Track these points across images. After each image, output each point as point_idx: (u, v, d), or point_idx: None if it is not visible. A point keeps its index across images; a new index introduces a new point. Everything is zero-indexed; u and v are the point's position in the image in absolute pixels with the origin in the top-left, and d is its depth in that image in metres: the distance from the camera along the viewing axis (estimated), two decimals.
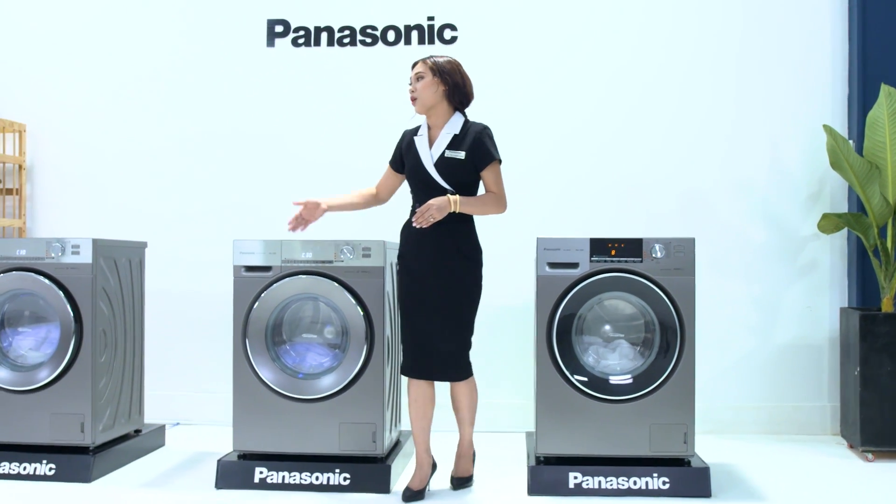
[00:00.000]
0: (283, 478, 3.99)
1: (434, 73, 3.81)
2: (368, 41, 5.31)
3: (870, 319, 4.54)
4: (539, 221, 4.97)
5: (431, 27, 5.28)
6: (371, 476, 3.97)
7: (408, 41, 5.29)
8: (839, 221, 4.90)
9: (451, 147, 3.82)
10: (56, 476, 4.10)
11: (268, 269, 4.08)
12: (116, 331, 4.42)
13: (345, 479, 3.97)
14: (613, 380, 3.97)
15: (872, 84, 4.96)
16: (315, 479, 3.98)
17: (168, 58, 5.43)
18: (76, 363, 4.17)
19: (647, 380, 3.95)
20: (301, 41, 5.35)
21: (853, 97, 5.06)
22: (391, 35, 5.30)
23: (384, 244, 4.05)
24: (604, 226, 4.95)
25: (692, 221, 5.10)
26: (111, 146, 5.45)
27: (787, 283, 5.15)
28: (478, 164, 3.83)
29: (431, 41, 5.27)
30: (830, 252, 5.14)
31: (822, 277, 5.14)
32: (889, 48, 5.01)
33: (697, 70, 5.20)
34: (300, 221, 3.96)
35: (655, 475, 3.90)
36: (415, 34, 5.28)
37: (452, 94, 3.83)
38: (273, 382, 4.05)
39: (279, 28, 5.36)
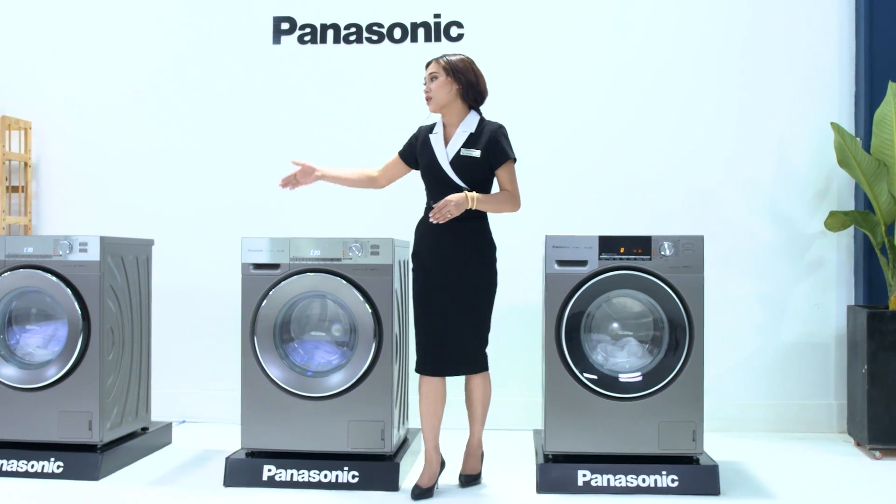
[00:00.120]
0: (292, 475, 3.99)
1: (447, 73, 3.81)
2: (375, 38, 5.31)
3: (877, 317, 4.54)
4: (545, 219, 4.96)
5: (438, 24, 5.27)
6: (380, 474, 3.96)
7: (414, 39, 5.28)
8: (846, 219, 4.89)
9: (467, 145, 3.83)
10: (64, 474, 4.10)
11: (276, 267, 4.07)
12: (124, 328, 4.41)
13: (353, 477, 3.97)
14: (623, 377, 3.96)
15: (880, 81, 4.95)
16: (324, 477, 3.98)
17: (174, 55, 5.42)
18: (84, 361, 4.17)
19: (657, 377, 3.95)
20: (307, 38, 5.34)
21: (860, 94, 5.05)
22: (397, 32, 5.29)
23: (392, 242, 4.04)
24: (610, 223, 4.96)
25: (699, 219, 5.09)
26: (117, 143, 5.45)
27: (794, 281, 5.14)
28: (493, 163, 3.84)
29: (438, 38, 5.26)
30: (837, 250, 5.14)
31: (829, 275, 5.14)
32: None
33: (704, 67, 5.19)
34: (291, 181, 4.04)
35: (664, 473, 3.90)
36: (421, 31, 5.27)
37: (466, 93, 3.84)
38: (281, 380, 4.04)
39: (285, 25, 5.36)
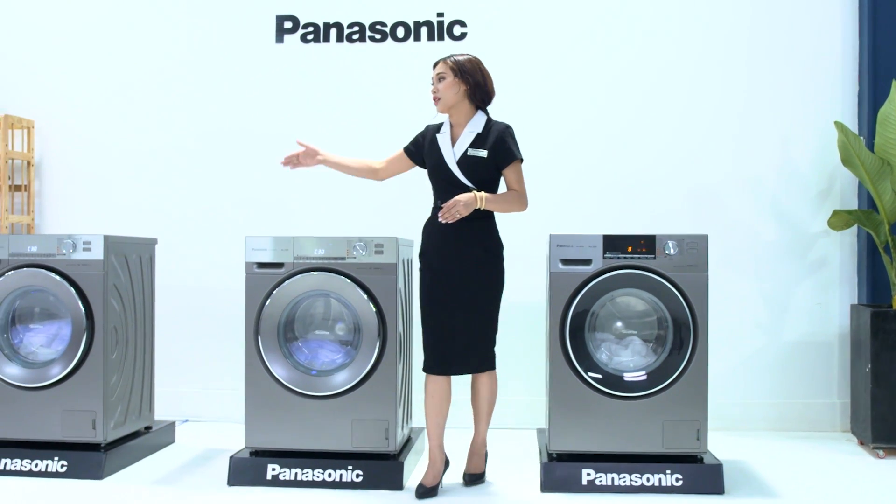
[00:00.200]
0: (296, 475, 3.98)
1: (455, 74, 3.81)
2: (378, 37, 5.30)
3: (881, 316, 4.54)
4: (547, 217, 4.94)
5: (441, 23, 5.26)
6: (384, 473, 3.96)
7: (417, 37, 5.27)
8: (850, 218, 4.89)
9: (474, 145, 3.84)
10: (68, 473, 4.09)
11: (280, 266, 4.07)
12: (127, 327, 4.41)
13: (357, 476, 3.96)
14: (628, 377, 3.96)
15: (883, 80, 4.95)
16: (328, 476, 3.97)
17: (176, 54, 5.42)
18: (87, 360, 4.17)
19: (661, 376, 3.95)
20: (310, 37, 5.34)
21: (864, 94, 5.05)
22: (400, 31, 5.29)
23: (397, 241, 4.04)
24: (612, 222, 4.96)
25: (702, 218, 5.08)
26: (119, 142, 5.44)
27: (797, 280, 5.14)
28: (500, 163, 3.84)
29: (441, 37, 5.26)
30: (840, 249, 5.13)
31: (832, 274, 5.13)
32: None
33: (707, 65, 5.19)
34: (293, 161, 4.05)
35: (668, 472, 3.90)
36: (424, 30, 5.27)
37: (474, 93, 3.84)
38: (285, 379, 4.04)
39: (288, 24, 5.35)
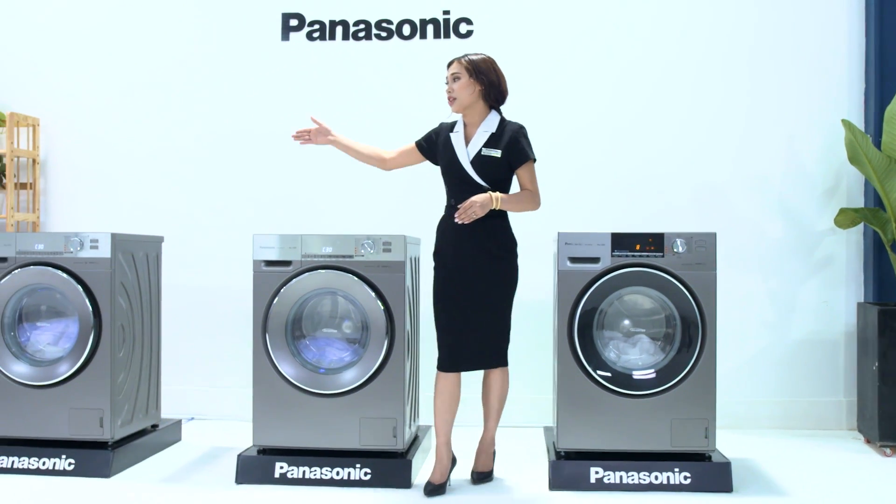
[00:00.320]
0: (304, 473, 3.98)
1: (470, 74, 3.81)
2: (384, 35, 5.29)
3: (889, 314, 4.53)
4: (552, 215, 4.88)
5: (447, 21, 5.25)
6: (392, 471, 3.96)
7: (423, 35, 5.27)
8: (856, 216, 4.89)
9: (488, 145, 3.84)
10: (75, 471, 4.09)
11: (287, 264, 4.06)
12: (134, 326, 4.41)
13: (365, 475, 3.96)
14: (637, 375, 3.96)
15: (890, 78, 4.95)
16: (336, 475, 3.97)
17: (181, 52, 5.41)
18: (95, 358, 4.16)
19: (670, 374, 3.94)
20: (316, 35, 5.33)
21: (870, 91, 5.04)
22: (406, 29, 5.28)
23: (405, 238, 4.03)
24: (618, 220, 4.95)
25: (707, 216, 5.08)
26: (125, 140, 5.44)
27: (804, 278, 5.14)
28: (513, 163, 3.85)
29: (447, 35, 5.25)
30: (847, 247, 5.13)
31: (839, 272, 5.13)
32: None
33: (713, 63, 5.18)
34: (304, 136, 4.08)
35: (677, 470, 3.90)
36: (430, 28, 5.26)
37: (488, 93, 3.84)
38: (293, 377, 4.04)
39: (294, 22, 5.34)
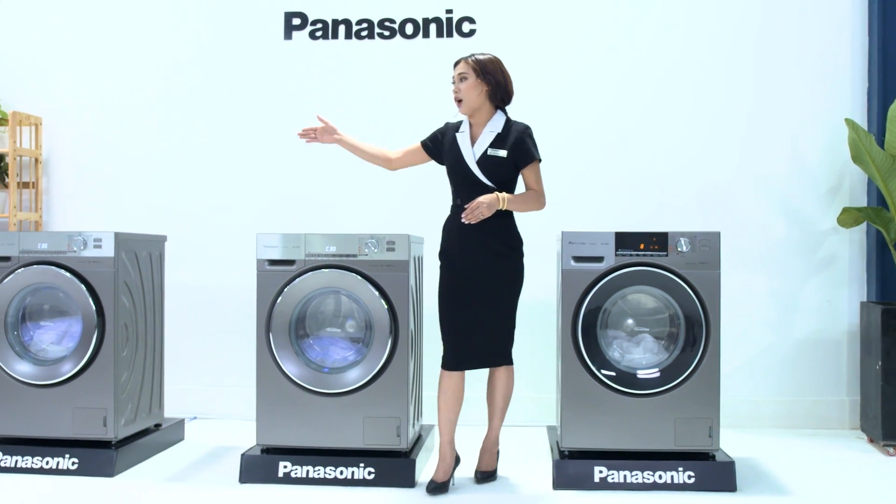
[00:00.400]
0: (308, 472, 3.98)
1: (477, 74, 3.81)
2: (386, 34, 5.29)
3: (892, 314, 4.53)
4: (555, 215, 4.88)
5: (450, 20, 5.25)
6: (396, 470, 3.96)
7: (426, 34, 5.26)
8: (859, 215, 4.89)
9: (494, 145, 3.84)
10: (79, 470, 4.09)
11: (291, 263, 4.06)
12: (138, 325, 4.40)
13: (369, 474, 3.96)
14: (641, 374, 3.96)
15: (893, 77, 4.95)
16: (339, 474, 3.97)
17: (184, 51, 5.41)
18: (98, 357, 4.16)
19: (674, 374, 3.94)
20: (318, 34, 5.33)
21: (873, 91, 5.04)
22: (409, 28, 5.28)
23: (408, 238, 4.03)
24: (621, 220, 4.96)
25: (711, 215, 5.08)
26: (127, 140, 5.43)
27: (806, 278, 5.14)
28: (519, 163, 3.85)
29: (450, 34, 5.24)
30: (850, 246, 5.13)
31: (842, 271, 5.13)
32: None
33: (716, 63, 5.18)
34: (310, 134, 4.06)
35: (681, 469, 3.90)
36: (433, 27, 5.26)
37: (494, 93, 3.85)
38: (297, 377, 4.03)
39: (297, 21, 5.34)
